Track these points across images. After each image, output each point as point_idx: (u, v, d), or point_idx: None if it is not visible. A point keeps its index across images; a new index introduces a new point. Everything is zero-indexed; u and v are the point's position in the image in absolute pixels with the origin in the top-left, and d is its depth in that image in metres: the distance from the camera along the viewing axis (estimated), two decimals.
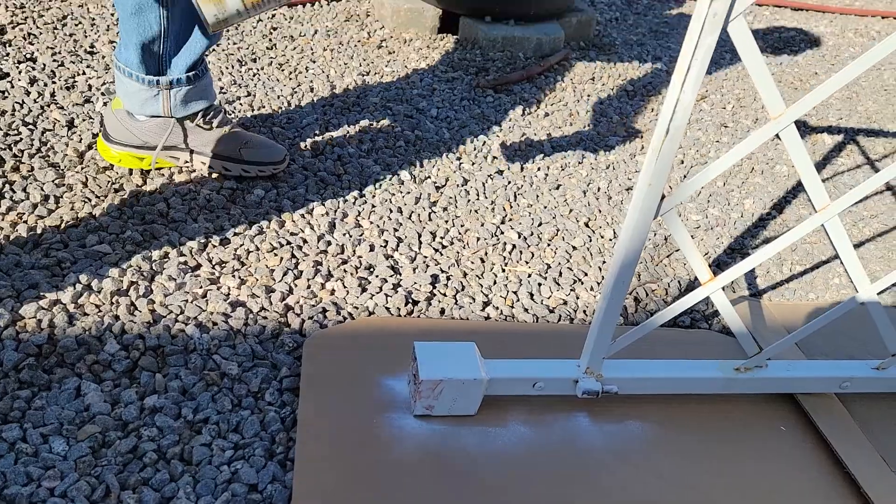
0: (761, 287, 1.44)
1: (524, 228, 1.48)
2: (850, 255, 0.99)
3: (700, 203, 1.68)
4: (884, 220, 1.73)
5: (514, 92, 2.07)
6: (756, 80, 0.82)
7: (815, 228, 1.11)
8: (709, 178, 0.90)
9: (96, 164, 1.43)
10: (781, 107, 0.85)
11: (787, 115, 0.85)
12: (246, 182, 1.45)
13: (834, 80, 0.83)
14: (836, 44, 2.94)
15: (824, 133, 2.12)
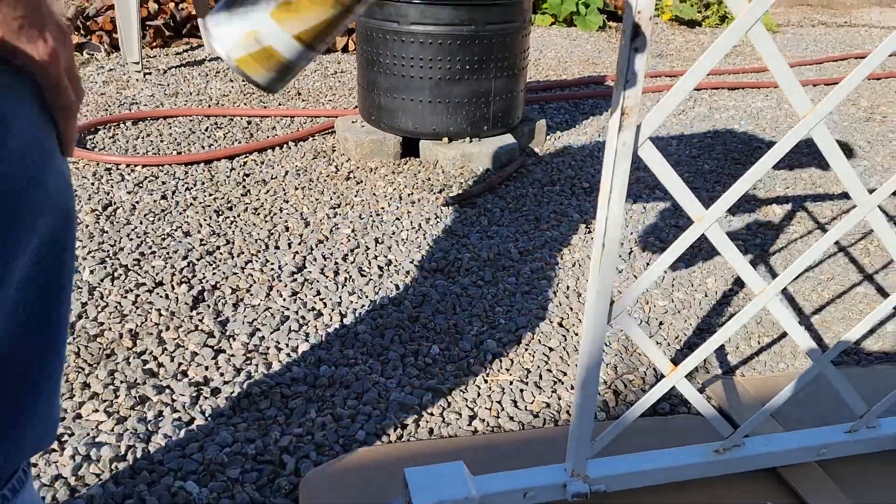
0: (733, 363, 1.50)
1: (502, 335, 1.55)
2: (797, 331, 1.06)
3: (665, 288, 1.76)
4: (840, 280, 1.82)
5: (478, 204, 2.19)
6: (673, 192, 0.92)
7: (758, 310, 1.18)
8: (651, 279, 0.99)
9: (87, 332, 1.49)
10: (701, 211, 0.95)
11: (709, 216, 0.95)
12: (225, 329, 1.52)
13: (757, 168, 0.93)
14: (774, 116, 3.13)
15: (773, 204, 2.25)
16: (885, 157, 2.68)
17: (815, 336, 1.59)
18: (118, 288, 1.66)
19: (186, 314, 1.58)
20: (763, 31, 0.82)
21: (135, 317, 1.56)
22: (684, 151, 2.69)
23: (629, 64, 0.82)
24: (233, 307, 1.61)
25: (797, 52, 4.36)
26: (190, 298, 1.63)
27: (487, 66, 2.34)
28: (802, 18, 5.58)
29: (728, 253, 0.98)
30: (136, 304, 1.61)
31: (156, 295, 1.64)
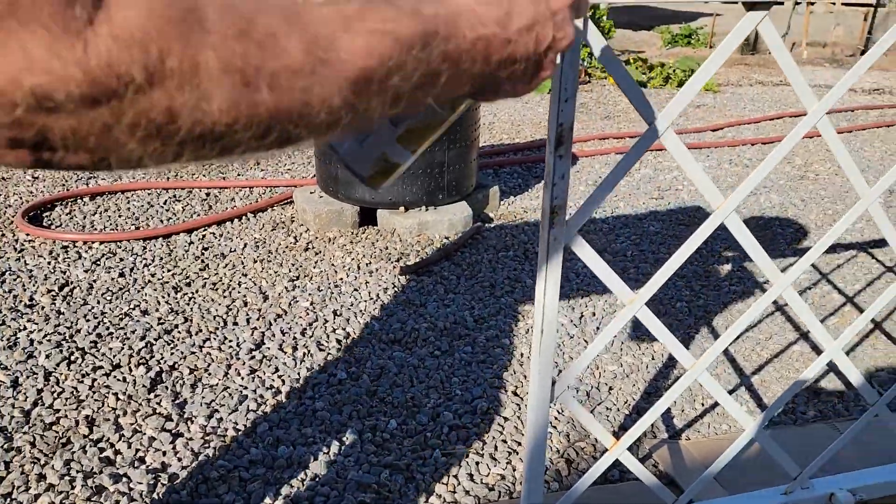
0: (679, 426, 1.56)
1: (459, 406, 1.59)
2: (728, 402, 1.13)
3: (614, 353, 1.83)
4: (778, 339, 1.91)
5: (435, 272, 2.25)
6: (604, 280, 0.99)
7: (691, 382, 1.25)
8: (590, 358, 1.05)
9: (43, 421, 1.49)
10: (631, 295, 1.02)
11: (637, 301, 1.02)
12: (183, 412, 1.54)
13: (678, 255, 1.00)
14: (716, 176, 3.29)
15: (715, 263, 2.36)
16: (819, 215, 2.83)
17: (754, 397, 1.67)
18: (74, 372, 1.66)
19: (144, 397, 1.59)
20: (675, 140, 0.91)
21: (91, 402, 1.57)
22: (630, 213, 2.80)
23: (555, 169, 0.90)
24: (191, 388, 1.62)
25: (736, 112, 4.59)
26: (148, 380, 1.64)
27: (441, 139, 2.43)
28: (741, 78, 5.88)
29: (658, 332, 1.05)
30: (92, 388, 1.61)
31: (113, 378, 1.65)
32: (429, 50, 0.42)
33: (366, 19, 0.39)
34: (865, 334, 1.95)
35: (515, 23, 0.47)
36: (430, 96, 0.44)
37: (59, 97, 0.30)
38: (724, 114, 4.53)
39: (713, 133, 4.06)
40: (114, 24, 0.30)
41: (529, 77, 0.50)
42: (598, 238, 2.55)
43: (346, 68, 0.38)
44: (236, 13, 0.34)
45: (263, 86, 0.35)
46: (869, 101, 5.01)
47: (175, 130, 0.33)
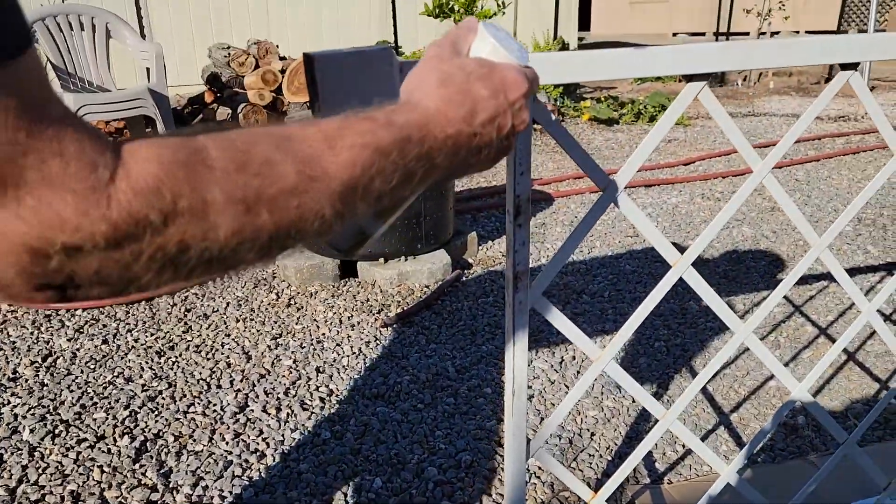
0: (661, 469, 1.58)
1: (443, 461, 1.60)
2: (701, 448, 1.16)
3: (595, 397, 1.86)
4: (754, 375, 1.95)
5: (416, 322, 2.28)
6: (571, 338, 1.03)
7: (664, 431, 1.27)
8: (563, 414, 1.08)
9: (28, 499, 1.49)
10: (598, 352, 1.06)
11: (604, 357, 1.06)
12: (168, 482, 1.54)
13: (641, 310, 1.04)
14: (688, 211, 3.36)
15: (692, 300, 2.40)
16: (790, 247, 2.90)
17: (733, 435, 1.70)
18: (59, 446, 1.66)
19: (129, 468, 1.59)
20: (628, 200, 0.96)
21: (77, 476, 1.57)
22: (606, 252, 2.86)
23: (515, 237, 0.94)
24: (176, 456, 1.63)
25: (706, 145, 4.70)
26: (132, 450, 1.64)
27: None
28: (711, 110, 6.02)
29: (627, 385, 1.08)
30: (77, 461, 1.61)
31: (98, 450, 1.65)
32: (405, 154, 0.46)
33: (345, 136, 0.44)
34: (840, 366, 2.00)
35: (479, 118, 0.52)
36: (408, 192, 0.49)
37: (88, 247, 0.34)
38: (696, 147, 4.64)
39: (685, 167, 4.15)
40: (131, 178, 0.34)
41: (493, 158, 0.56)
42: (575, 279, 2.60)
43: (333, 182, 0.42)
44: (235, 148, 0.39)
45: (263, 210, 0.39)
46: (835, 128, 5.15)
47: (187, 260, 0.37)
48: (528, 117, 0.57)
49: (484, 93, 0.53)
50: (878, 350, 2.07)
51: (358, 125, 0.45)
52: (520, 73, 0.56)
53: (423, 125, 0.49)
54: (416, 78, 0.55)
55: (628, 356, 2.07)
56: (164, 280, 0.38)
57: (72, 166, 0.32)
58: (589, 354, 1.06)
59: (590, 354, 1.06)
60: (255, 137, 0.40)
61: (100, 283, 0.36)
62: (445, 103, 0.51)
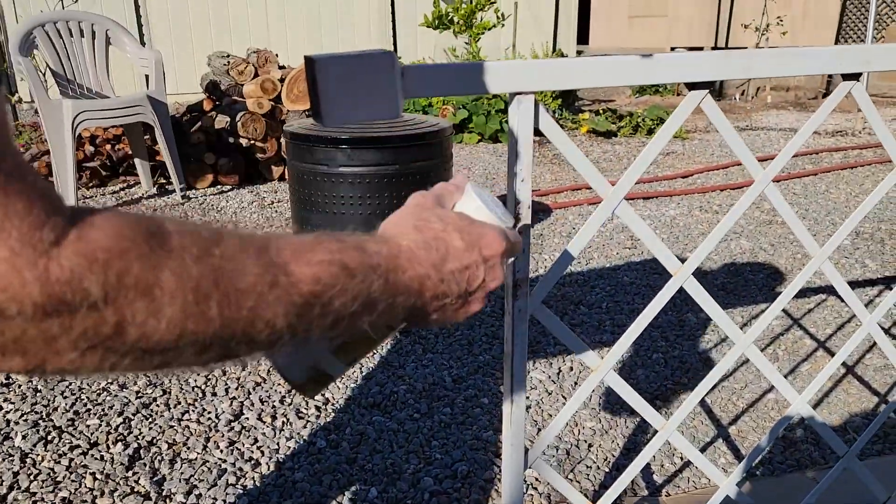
0: (659, 482, 1.57)
1: (439, 471, 1.59)
2: (700, 460, 1.15)
3: (593, 408, 1.85)
4: (753, 388, 1.94)
5: (413, 331, 2.27)
6: (570, 346, 1.02)
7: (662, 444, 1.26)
8: (561, 424, 1.07)
9: None
10: (597, 361, 1.05)
11: (603, 366, 1.05)
12: (161, 489, 1.52)
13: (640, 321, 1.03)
14: (686, 223, 3.36)
15: (689, 312, 2.39)
16: (789, 259, 2.90)
17: (731, 448, 1.69)
18: (51, 452, 1.65)
19: (122, 475, 1.57)
20: (628, 209, 0.95)
21: (69, 483, 1.55)
22: (604, 264, 2.85)
23: None
24: (169, 464, 1.61)
25: (704, 158, 4.71)
26: (126, 458, 1.63)
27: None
28: (709, 124, 6.04)
29: (626, 395, 1.07)
30: (69, 468, 1.60)
31: (90, 457, 1.63)
32: (369, 281, 0.46)
33: (315, 250, 0.43)
34: (839, 379, 1.99)
35: (449, 266, 0.52)
36: (366, 323, 0.47)
37: (12, 311, 0.30)
38: (694, 160, 4.65)
39: (683, 179, 4.15)
40: (81, 243, 0.32)
41: (457, 311, 0.55)
42: (573, 290, 2.59)
43: (293, 292, 0.41)
44: (199, 236, 0.37)
45: (213, 304, 0.37)
46: (833, 142, 5.17)
47: (120, 344, 0.34)
48: (502, 276, 0.56)
49: (459, 244, 0.53)
50: (877, 363, 2.07)
51: (328, 243, 0.45)
52: (500, 232, 0.56)
53: (392, 258, 0.49)
54: (395, 219, 0.55)
55: (626, 368, 2.06)
56: (88, 365, 0.34)
57: (14, 221, 0.30)
58: (588, 364, 1.05)
59: (589, 364, 1.05)
60: (223, 232, 0.39)
61: (16, 353, 0.32)
62: (418, 245, 0.51)
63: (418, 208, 0.56)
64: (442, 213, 0.56)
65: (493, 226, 0.57)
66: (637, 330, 1.04)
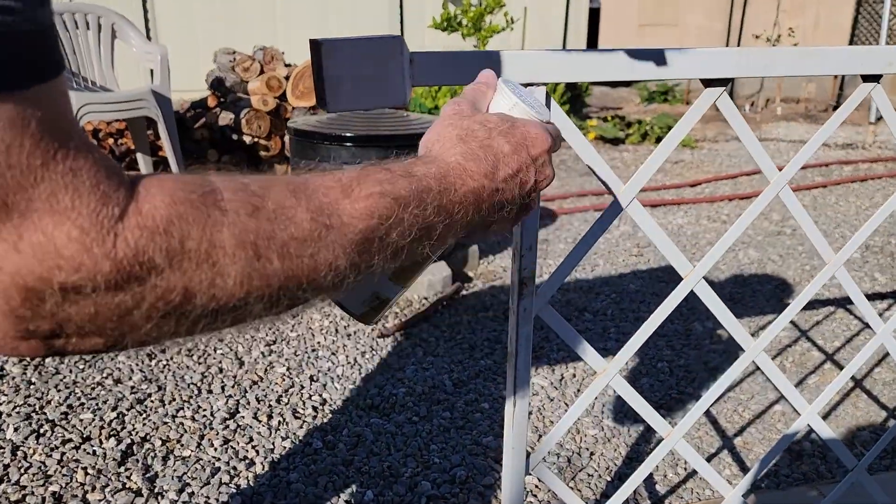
0: (661, 492, 1.53)
1: (437, 475, 1.56)
2: (706, 469, 1.12)
3: (595, 416, 1.81)
4: (759, 399, 1.90)
5: (414, 334, 2.23)
6: (576, 348, 0.99)
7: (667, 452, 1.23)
8: (565, 428, 1.04)
9: (7, 499, 1.44)
10: (603, 363, 1.02)
11: (609, 370, 1.01)
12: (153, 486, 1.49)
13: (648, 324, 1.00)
14: (694, 232, 3.32)
15: (696, 322, 2.36)
16: (797, 271, 2.86)
17: (736, 459, 1.65)
18: (43, 446, 1.62)
19: (114, 471, 1.54)
20: (640, 208, 0.92)
21: (59, 477, 1.52)
22: (610, 271, 2.82)
23: (522, 240, 0.90)
24: (162, 460, 1.58)
25: (713, 168, 4.68)
26: (118, 453, 1.60)
27: None
28: (717, 134, 6.01)
29: (632, 400, 1.04)
30: (61, 462, 1.57)
31: (83, 451, 1.60)
32: (424, 206, 0.44)
33: (363, 184, 0.42)
34: (847, 392, 1.95)
35: (502, 172, 0.50)
36: (427, 247, 0.46)
37: (87, 289, 0.31)
38: (702, 169, 4.61)
39: (691, 188, 4.12)
40: (141, 215, 0.32)
41: (515, 217, 0.54)
42: (578, 297, 2.55)
43: (349, 231, 0.40)
44: (248, 191, 0.36)
45: (275, 257, 0.36)
46: (843, 155, 5.13)
47: (191, 309, 0.34)
48: (551, 173, 0.55)
49: (506, 148, 0.51)
50: (885, 378, 2.03)
51: (375, 174, 0.43)
52: (542, 128, 0.54)
53: (442, 177, 0.47)
54: (435, 133, 0.53)
55: (630, 376, 2.02)
56: (165, 333, 0.35)
57: (83, 200, 0.30)
58: (594, 367, 1.02)
59: (595, 367, 1.02)
60: (270, 182, 0.38)
61: (94, 333, 0.33)
62: (466, 157, 0.49)
63: (457, 117, 0.53)
64: (483, 119, 0.53)
65: (534, 122, 0.55)
66: (645, 334, 1.01)
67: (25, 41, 0.30)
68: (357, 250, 0.41)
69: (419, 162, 0.48)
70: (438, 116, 0.56)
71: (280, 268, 0.37)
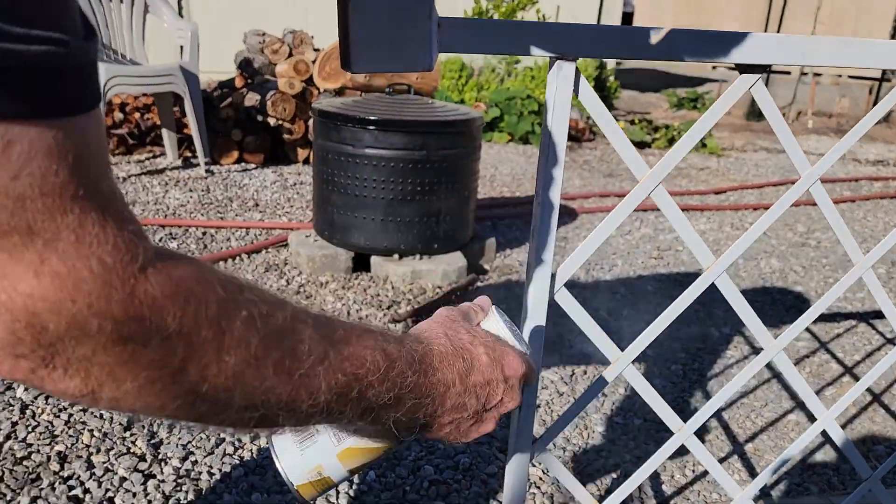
0: (668, 493, 1.51)
1: (440, 461, 1.54)
2: (717, 469, 1.09)
3: (604, 414, 1.79)
4: (773, 407, 1.87)
5: None
6: (592, 338, 0.97)
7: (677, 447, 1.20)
8: (574, 416, 1.01)
9: (14, 455, 1.45)
10: (617, 353, 0.99)
11: (623, 358, 0.99)
12: (157, 453, 1.49)
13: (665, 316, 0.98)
14: (716, 238, 3.28)
15: (713, 327, 2.32)
16: (819, 283, 2.81)
17: (746, 465, 1.62)
18: (52, 406, 1.62)
19: (119, 435, 1.54)
20: (664, 194, 0.90)
21: (66, 438, 1.52)
22: (629, 272, 2.78)
23: (541, 218, 0.88)
24: (168, 428, 1.58)
25: (739, 176, 4.61)
26: (124, 419, 1.60)
27: (438, 188, 2.44)
28: (746, 143, 5.94)
29: (644, 391, 1.02)
30: (68, 423, 1.57)
31: (90, 414, 1.61)
32: (404, 375, 0.48)
33: (364, 337, 0.46)
34: (864, 406, 1.91)
35: (473, 378, 0.54)
36: (391, 419, 0.49)
37: (92, 330, 0.30)
38: (728, 178, 4.55)
39: (716, 196, 4.07)
40: (165, 276, 0.32)
41: (470, 427, 0.56)
42: (593, 295, 2.52)
43: (339, 369, 0.43)
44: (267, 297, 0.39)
45: (271, 364, 0.38)
46: (873, 171, 5.04)
47: (178, 382, 0.34)
48: (518, 399, 0.58)
49: (484, 359, 0.55)
50: None
51: (376, 332, 0.48)
52: (521, 356, 0.59)
53: (426, 356, 0.51)
54: (425, 326, 0.58)
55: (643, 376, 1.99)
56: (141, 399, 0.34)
57: (110, 238, 0.31)
58: (608, 355, 1.00)
59: (609, 355, 1.00)
60: (285, 300, 0.41)
61: (79, 375, 0.32)
62: (448, 351, 0.53)
63: (448, 320, 0.58)
64: (470, 328, 0.58)
65: (515, 348, 0.60)
66: (661, 325, 0.98)
67: (74, 73, 0.31)
68: (338, 391, 0.42)
69: (411, 338, 0.52)
70: (433, 316, 0.60)
71: (272, 376, 0.38)
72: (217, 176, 3.66)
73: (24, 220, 0.29)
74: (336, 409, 0.43)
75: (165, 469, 1.45)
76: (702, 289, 0.96)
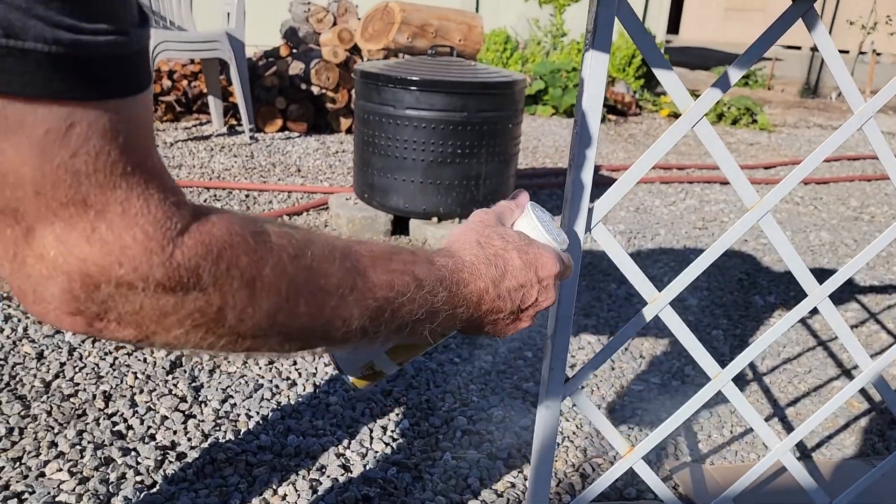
0: (704, 451, 1.48)
1: (474, 413, 1.55)
2: (754, 417, 1.07)
3: (641, 373, 1.77)
4: (817, 374, 1.82)
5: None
6: (627, 274, 0.95)
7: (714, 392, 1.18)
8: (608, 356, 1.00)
9: (61, 392, 1.50)
10: (654, 293, 0.98)
11: (661, 298, 0.97)
12: (197, 395, 1.53)
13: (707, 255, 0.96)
14: None
15: (757, 295, 2.27)
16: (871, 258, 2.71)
17: (787, 427, 1.59)
18: (98, 350, 1.68)
19: (162, 378, 1.59)
20: (708, 128, 0.88)
21: (111, 378, 1.57)
22: (672, 242, 2.73)
23: (577, 149, 0.87)
24: (209, 374, 1.62)
25: (790, 151, 4.48)
26: (167, 363, 1.64)
27: (479, 151, 2.42)
28: (799, 120, 5.76)
29: (681, 334, 1.00)
30: (113, 366, 1.62)
31: (134, 358, 1.65)
32: (435, 292, 0.50)
33: (391, 260, 0.48)
34: None
35: (507, 283, 0.55)
36: (426, 330, 0.51)
37: (139, 287, 0.35)
38: (779, 153, 4.43)
39: (765, 170, 3.96)
40: (200, 235, 0.36)
41: (508, 325, 0.58)
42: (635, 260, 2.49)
43: (369, 296, 0.45)
44: (293, 240, 0.41)
45: (302, 301, 0.41)
46: None
47: (219, 326, 0.38)
48: (553, 298, 0.59)
49: (517, 262, 0.56)
50: None
51: (403, 255, 0.49)
52: (556, 255, 0.60)
53: (456, 271, 0.53)
54: (459, 233, 0.59)
55: None
56: (190, 341, 0.38)
57: (152, 210, 0.35)
58: (645, 296, 0.98)
59: (646, 296, 0.98)
60: (311, 236, 0.43)
61: (130, 325, 0.36)
62: (479, 260, 0.55)
63: (481, 225, 0.59)
64: (503, 232, 0.58)
65: (550, 248, 0.60)
66: (703, 265, 0.96)
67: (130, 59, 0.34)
68: (370, 315, 0.45)
69: (440, 253, 0.54)
70: (467, 220, 0.61)
71: (304, 312, 0.41)
72: (261, 143, 3.71)
73: (80, 193, 0.33)
74: (371, 330, 0.46)
75: (205, 410, 1.49)
76: (747, 227, 0.94)
